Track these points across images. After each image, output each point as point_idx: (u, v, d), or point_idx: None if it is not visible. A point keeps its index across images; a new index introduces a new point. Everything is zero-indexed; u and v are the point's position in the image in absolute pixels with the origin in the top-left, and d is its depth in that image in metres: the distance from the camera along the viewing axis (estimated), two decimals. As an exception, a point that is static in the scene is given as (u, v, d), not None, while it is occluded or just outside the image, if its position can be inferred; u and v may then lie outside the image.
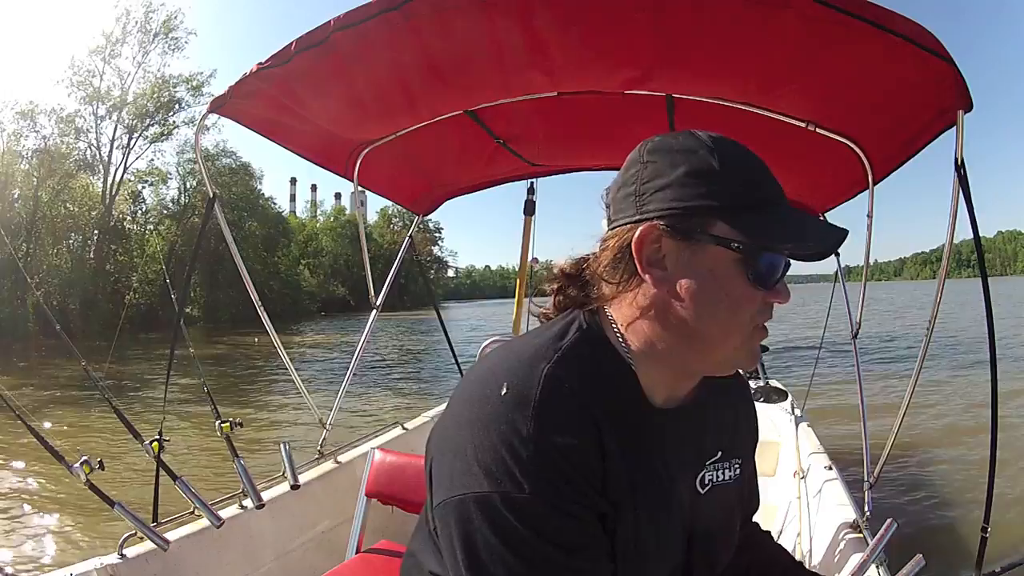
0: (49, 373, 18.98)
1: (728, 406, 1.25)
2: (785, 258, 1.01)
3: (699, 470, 1.14)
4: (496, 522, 0.88)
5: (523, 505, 0.87)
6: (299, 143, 3.21)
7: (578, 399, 0.94)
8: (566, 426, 0.91)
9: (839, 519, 2.68)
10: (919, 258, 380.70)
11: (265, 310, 3.45)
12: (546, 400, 0.91)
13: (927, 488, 7.03)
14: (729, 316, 0.99)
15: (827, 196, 3.64)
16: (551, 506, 0.88)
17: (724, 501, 1.18)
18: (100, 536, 5.91)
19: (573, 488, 0.90)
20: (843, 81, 2.38)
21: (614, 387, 1.01)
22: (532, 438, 0.89)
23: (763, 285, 0.99)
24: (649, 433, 1.03)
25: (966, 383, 12.78)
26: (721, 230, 0.97)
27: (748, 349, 1.03)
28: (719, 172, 0.99)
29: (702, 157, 1.00)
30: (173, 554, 2.63)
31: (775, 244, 0.98)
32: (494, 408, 0.92)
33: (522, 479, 0.87)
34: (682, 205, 0.98)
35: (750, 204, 0.99)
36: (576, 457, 0.91)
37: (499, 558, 0.88)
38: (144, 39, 49.14)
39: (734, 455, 1.22)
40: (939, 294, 2.41)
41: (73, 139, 46.56)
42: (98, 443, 9.07)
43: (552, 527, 0.88)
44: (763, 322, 1.02)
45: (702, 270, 0.98)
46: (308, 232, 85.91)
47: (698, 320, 0.99)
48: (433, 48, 2.46)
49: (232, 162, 55.13)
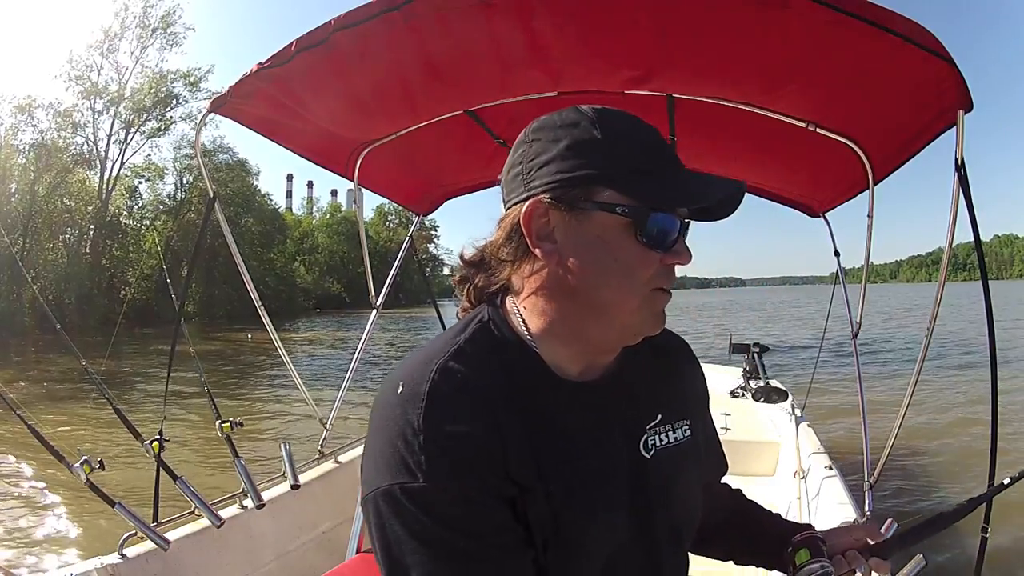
0: (45, 368, 18.93)
1: (666, 369, 1.24)
2: (679, 218, 1.01)
3: (639, 436, 1.12)
4: (400, 513, 0.90)
5: (421, 493, 0.89)
6: (299, 143, 3.20)
7: (471, 387, 0.96)
8: (457, 414, 0.93)
9: (839, 519, 2.69)
10: (915, 261, 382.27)
11: (264, 307, 3.45)
12: (435, 390, 0.93)
13: (927, 488, 7.05)
14: (622, 280, 0.99)
15: (827, 196, 3.65)
16: (448, 493, 0.90)
17: (676, 463, 1.15)
18: (100, 536, 5.90)
19: (470, 474, 0.91)
20: (843, 81, 2.38)
21: (517, 370, 1.02)
22: (422, 429, 0.90)
23: (657, 247, 0.99)
24: (565, 409, 1.03)
25: (966, 384, 12.80)
26: (606, 196, 0.98)
27: (650, 313, 1.03)
28: (601, 141, 1.00)
29: (584, 128, 1.01)
30: (173, 554, 2.63)
31: (662, 204, 0.98)
32: (391, 408, 0.95)
33: (415, 469, 0.89)
34: (565, 176, 0.99)
35: (635, 168, 0.99)
36: (470, 443, 0.91)
37: (408, 548, 0.90)
38: (142, 34, 49.07)
39: (680, 416, 1.20)
40: (939, 295, 2.41)
41: (70, 134, 46.51)
42: (96, 441, 9.06)
43: (453, 514, 0.90)
44: (663, 285, 1.02)
45: (591, 238, 0.99)
46: (304, 229, 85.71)
47: (592, 288, 1.00)
48: (433, 48, 2.46)
49: (229, 158, 55.05)
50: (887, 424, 2.76)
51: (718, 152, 3.63)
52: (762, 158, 3.44)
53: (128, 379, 16.07)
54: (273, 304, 10.38)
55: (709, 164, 3.89)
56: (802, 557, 1.21)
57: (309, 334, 34.75)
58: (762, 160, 3.50)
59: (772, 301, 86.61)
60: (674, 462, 1.15)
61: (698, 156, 3.75)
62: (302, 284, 72.48)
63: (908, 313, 40.98)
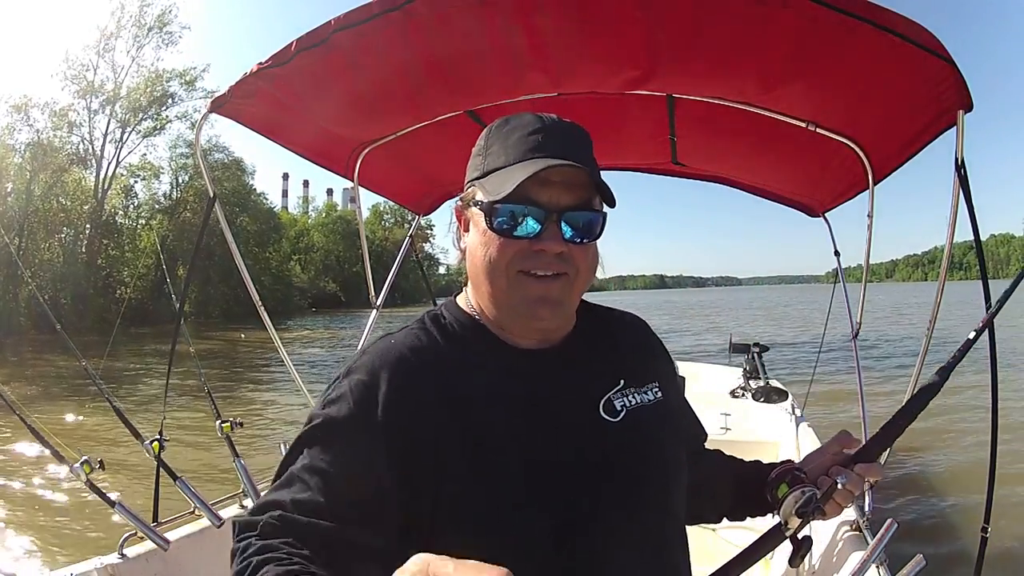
0: (42, 368, 18.94)
1: (623, 342, 1.35)
2: (541, 208, 1.12)
3: (598, 399, 1.21)
4: (300, 438, 1.09)
5: (318, 423, 1.09)
6: (299, 143, 3.19)
7: (403, 357, 1.14)
8: (370, 374, 1.11)
9: (839, 519, 2.69)
10: (911, 260, 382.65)
11: (258, 308, 3.44)
12: (368, 352, 1.16)
13: (927, 488, 7.07)
14: (485, 263, 1.15)
15: (827, 196, 3.65)
16: (337, 427, 1.07)
17: (648, 424, 1.23)
18: (100, 536, 5.90)
19: (361, 416, 1.07)
20: (843, 81, 2.38)
21: (463, 342, 1.20)
22: (340, 378, 1.13)
23: (506, 233, 1.13)
24: (515, 373, 1.18)
25: (966, 384, 12.81)
26: (477, 196, 1.18)
27: (521, 295, 1.14)
28: (483, 148, 1.23)
29: (481, 137, 1.25)
30: (173, 554, 2.63)
31: (505, 197, 1.10)
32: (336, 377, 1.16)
33: (326, 404, 1.10)
34: (466, 181, 1.25)
35: (497, 167, 1.17)
36: (370, 395, 1.08)
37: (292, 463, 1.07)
38: (138, 33, 48.93)
39: (645, 381, 1.29)
40: (939, 295, 2.41)
41: (66, 133, 46.34)
42: (96, 441, 9.04)
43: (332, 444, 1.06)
44: (525, 268, 1.13)
45: (475, 230, 1.19)
46: (300, 228, 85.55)
47: (474, 270, 1.19)
48: (434, 48, 2.45)
49: (225, 157, 54.92)
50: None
51: (718, 152, 3.63)
52: (762, 158, 3.45)
53: (125, 379, 16.05)
54: (269, 303, 10.55)
55: (709, 164, 3.90)
56: (782, 491, 1.27)
57: (305, 333, 34.72)
58: (762, 160, 3.50)
59: (770, 300, 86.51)
60: (649, 423, 1.24)
61: (698, 156, 3.76)
62: (298, 283, 72.29)
63: (907, 313, 41.00)
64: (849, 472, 1.27)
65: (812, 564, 2.74)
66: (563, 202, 1.13)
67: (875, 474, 1.29)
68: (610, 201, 1.17)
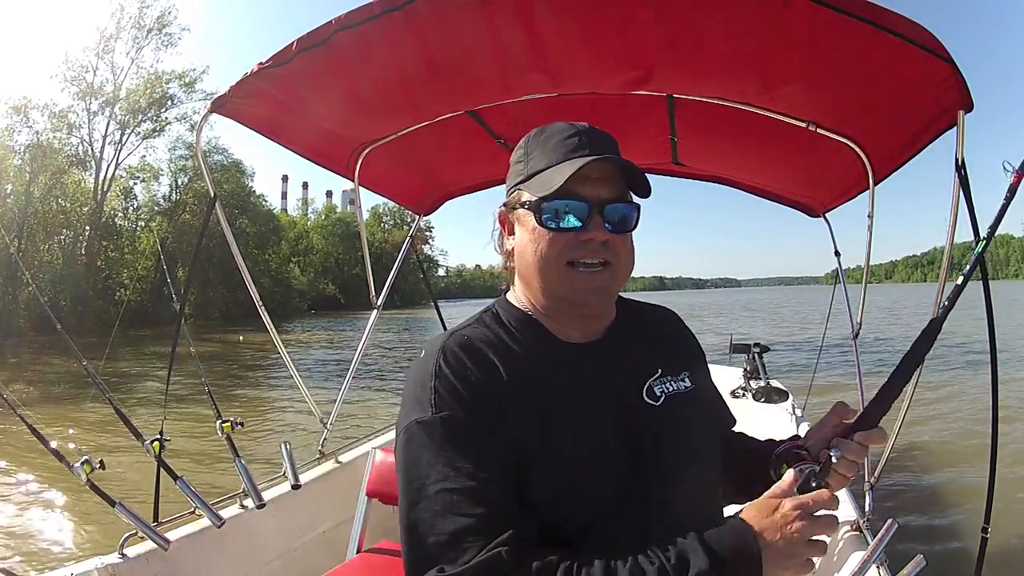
0: (42, 370, 18.93)
1: (659, 332, 1.49)
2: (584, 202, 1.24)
3: (641, 386, 1.32)
4: (412, 440, 1.15)
5: (430, 423, 1.14)
6: (300, 143, 3.20)
7: (474, 346, 1.24)
8: (460, 364, 1.20)
9: (839, 519, 2.68)
10: (910, 261, 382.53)
11: (259, 309, 3.44)
12: (446, 348, 1.22)
13: (927, 488, 7.06)
14: (535, 257, 1.27)
15: (827, 196, 3.65)
16: (451, 421, 1.14)
17: (684, 408, 1.34)
18: (100, 536, 5.90)
19: (468, 408, 1.15)
20: (843, 81, 2.38)
21: (520, 336, 1.30)
22: (434, 375, 1.18)
23: (555, 228, 1.25)
24: (567, 364, 1.28)
25: (965, 383, 12.82)
26: (523, 197, 1.30)
27: (570, 285, 1.26)
28: (524, 155, 1.35)
29: (520, 147, 1.37)
30: (174, 554, 2.62)
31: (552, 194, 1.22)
32: (415, 370, 1.23)
33: (427, 405, 1.15)
34: (509, 187, 1.36)
35: (541, 169, 1.29)
36: (469, 385, 1.17)
37: (416, 469, 1.13)
38: (138, 35, 48.93)
39: (679, 370, 1.40)
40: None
41: (66, 135, 46.32)
42: (96, 442, 9.04)
43: (454, 439, 1.13)
44: (573, 259, 1.25)
45: (522, 230, 1.31)
46: (299, 230, 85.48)
47: (525, 267, 1.31)
48: (434, 48, 2.46)
49: (224, 159, 54.92)
50: (887, 423, 2.76)
51: (718, 152, 3.64)
52: (762, 158, 3.45)
53: (126, 380, 16.02)
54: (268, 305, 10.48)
55: (709, 164, 3.90)
56: (783, 470, 1.27)
57: (304, 335, 34.68)
58: (762, 160, 3.51)
59: (769, 301, 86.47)
60: (682, 409, 1.34)
61: (698, 156, 3.76)
62: (297, 285, 72.20)
63: (906, 312, 40.99)
64: (846, 442, 1.30)
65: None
66: (604, 195, 1.26)
67: (877, 439, 1.31)
68: (645, 191, 1.31)
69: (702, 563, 1.06)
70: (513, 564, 1.03)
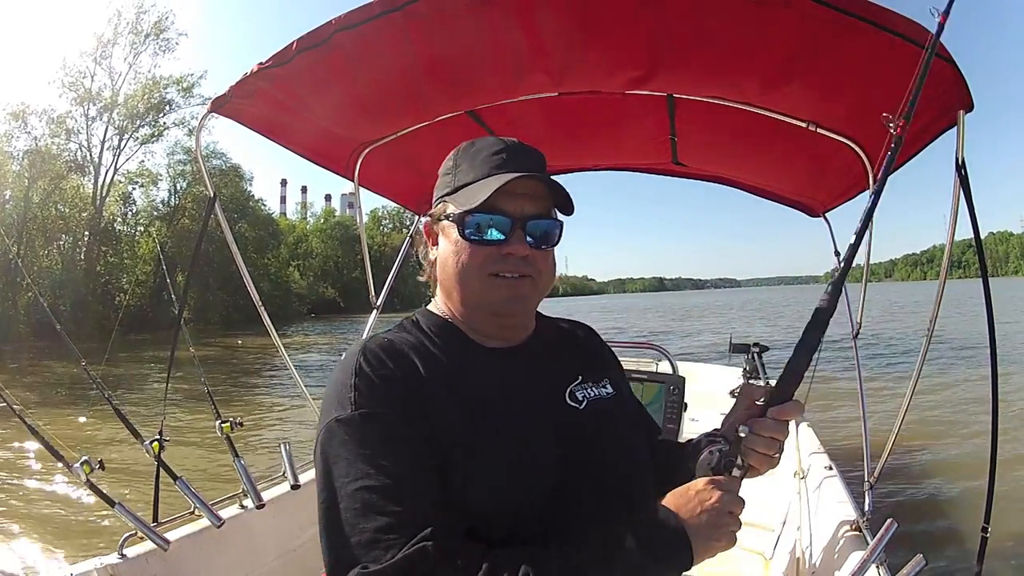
0: (42, 374, 18.93)
1: (576, 344, 1.53)
2: (506, 217, 1.27)
3: (563, 390, 1.35)
4: (333, 438, 1.14)
5: (349, 421, 1.13)
6: (300, 143, 3.19)
7: (395, 348, 1.25)
8: (381, 364, 1.20)
9: (839, 519, 2.69)
10: (910, 259, 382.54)
11: (258, 312, 3.44)
12: (366, 350, 1.22)
13: (927, 488, 7.06)
14: (456, 268, 1.29)
15: (827, 196, 3.65)
16: (371, 419, 1.13)
17: (609, 413, 1.38)
18: (100, 536, 5.90)
19: (389, 406, 1.15)
20: (843, 81, 2.38)
21: (440, 341, 1.31)
22: (355, 372, 1.18)
23: (477, 240, 1.27)
24: (488, 367, 1.31)
25: (965, 383, 12.83)
26: (448, 210, 1.32)
27: (492, 295, 1.29)
28: (453, 166, 1.37)
29: (449, 159, 1.40)
30: (173, 554, 2.62)
31: (475, 208, 1.25)
32: (336, 372, 1.23)
33: (348, 404, 1.15)
34: (435, 199, 1.39)
35: (467, 183, 1.32)
36: (390, 384, 1.17)
37: (338, 466, 1.11)
38: (135, 40, 48.92)
39: (599, 377, 1.44)
40: (939, 295, 2.41)
41: (64, 140, 46.28)
42: (96, 443, 9.03)
43: (374, 436, 1.12)
44: (495, 271, 1.28)
45: (446, 241, 1.33)
46: (298, 234, 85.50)
47: (447, 278, 1.33)
48: (434, 48, 2.46)
49: (223, 164, 54.83)
50: (888, 424, 2.76)
51: (718, 152, 3.64)
52: (762, 158, 3.45)
53: (125, 384, 16.05)
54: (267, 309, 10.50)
55: (709, 164, 3.91)
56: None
57: (304, 338, 34.66)
58: (762, 160, 3.51)
59: (769, 301, 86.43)
60: (609, 412, 1.38)
61: (698, 156, 3.77)
62: (296, 289, 72.14)
63: (905, 312, 40.98)
64: (759, 420, 1.28)
65: (812, 564, 2.74)
66: (527, 211, 1.29)
67: (791, 412, 1.30)
68: (568, 209, 1.34)
69: (631, 543, 1.09)
70: (438, 559, 1.01)
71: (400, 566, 1.00)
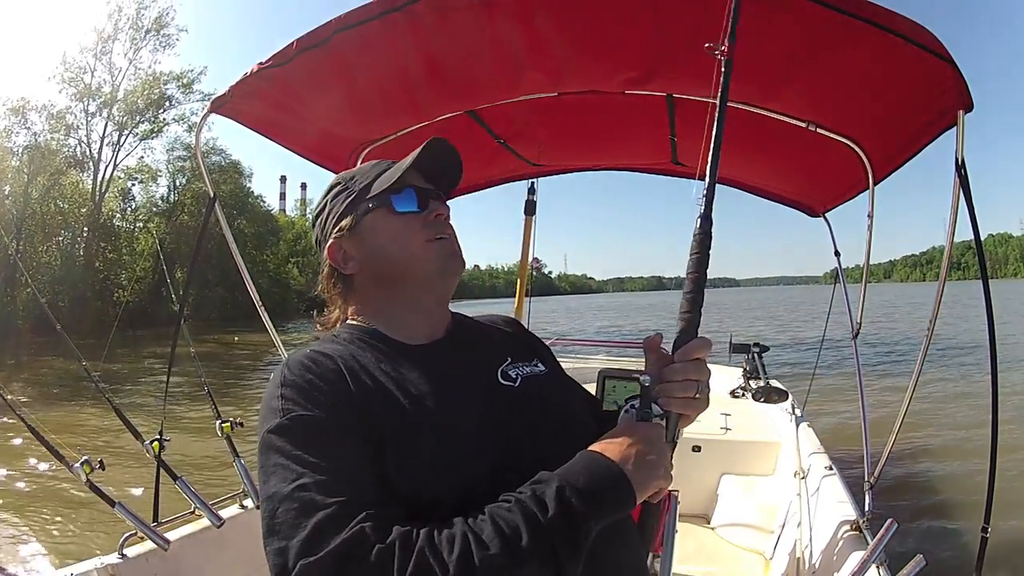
0: (41, 371, 18.90)
1: (499, 331, 1.58)
2: (413, 188, 1.36)
3: (494, 371, 1.38)
4: (269, 448, 1.12)
5: (281, 428, 1.12)
6: (299, 143, 3.18)
7: (321, 357, 1.24)
8: (308, 371, 1.20)
9: (839, 519, 2.69)
10: (909, 260, 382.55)
11: (256, 309, 3.44)
12: (292, 361, 1.23)
13: (927, 488, 7.06)
14: (404, 242, 1.34)
15: (827, 196, 3.65)
16: (303, 423, 1.13)
17: (544, 388, 1.41)
18: (100, 536, 5.89)
19: (318, 409, 1.14)
20: (843, 81, 2.39)
21: (365, 345, 1.32)
22: (282, 384, 1.18)
23: (409, 211, 1.35)
24: (417, 361, 1.31)
25: (965, 383, 12.83)
26: (364, 205, 1.37)
27: (435, 252, 1.36)
28: (342, 188, 1.43)
29: (333, 184, 1.46)
30: (174, 554, 2.62)
31: (392, 185, 1.34)
32: (268, 387, 1.22)
33: (278, 412, 1.14)
34: (336, 216, 1.41)
35: (372, 180, 1.39)
36: (319, 388, 1.17)
37: (275, 473, 1.09)
38: (135, 36, 48.81)
39: (529, 357, 1.48)
40: (939, 295, 2.41)
41: (63, 136, 46.16)
42: (96, 442, 9.02)
43: (307, 438, 1.11)
44: (435, 235, 1.36)
45: (374, 231, 1.37)
46: (297, 230, 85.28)
47: (393, 262, 1.36)
48: (434, 48, 2.46)
49: (222, 160, 54.69)
50: (888, 424, 2.76)
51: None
52: (762, 158, 3.45)
53: (124, 381, 15.99)
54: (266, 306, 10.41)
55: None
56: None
57: (303, 335, 34.61)
58: (762, 160, 3.51)
59: (769, 301, 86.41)
60: (544, 387, 1.41)
61: (698, 156, 3.76)
62: (295, 286, 71.98)
63: (905, 312, 40.99)
64: (668, 367, 1.30)
65: (812, 564, 2.75)
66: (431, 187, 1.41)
67: (697, 349, 1.33)
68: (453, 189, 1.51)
69: (562, 483, 1.08)
70: (376, 540, 1.00)
71: (338, 551, 0.99)
